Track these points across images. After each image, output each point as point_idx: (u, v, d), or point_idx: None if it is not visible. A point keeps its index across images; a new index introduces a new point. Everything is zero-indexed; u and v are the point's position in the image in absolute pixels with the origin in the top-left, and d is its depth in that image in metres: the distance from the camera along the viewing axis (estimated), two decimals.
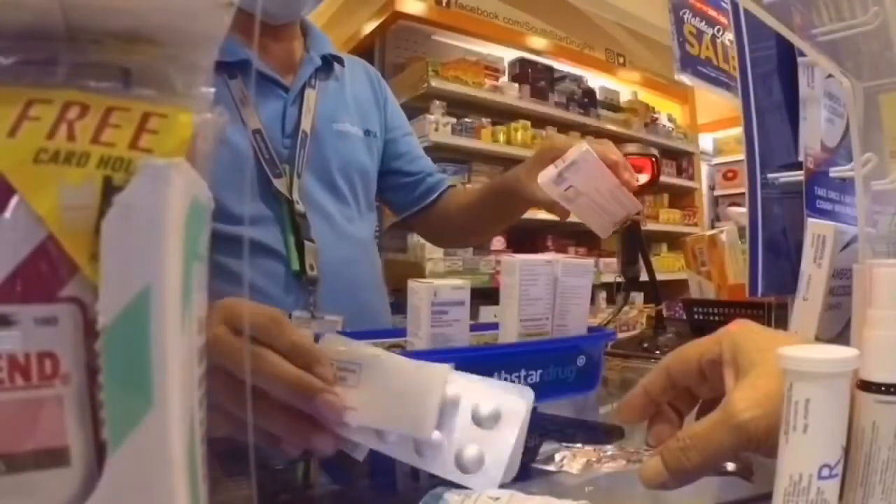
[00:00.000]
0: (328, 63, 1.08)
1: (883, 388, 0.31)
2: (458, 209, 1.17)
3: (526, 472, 0.49)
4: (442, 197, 1.20)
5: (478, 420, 0.43)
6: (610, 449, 0.50)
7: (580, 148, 0.73)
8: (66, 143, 0.23)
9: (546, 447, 0.52)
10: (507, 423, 0.43)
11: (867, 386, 0.32)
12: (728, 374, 0.41)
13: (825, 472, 0.30)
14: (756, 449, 0.37)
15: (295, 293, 0.95)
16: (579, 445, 0.52)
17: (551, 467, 0.49)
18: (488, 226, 1.19)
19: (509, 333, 0.70)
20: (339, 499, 0.50)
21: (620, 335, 1.15)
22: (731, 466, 0.45)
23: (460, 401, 0.44)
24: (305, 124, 1.00)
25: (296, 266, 0.95)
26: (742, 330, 0.42)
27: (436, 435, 0.42)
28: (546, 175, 0.74)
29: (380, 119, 1.17)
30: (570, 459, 0.49)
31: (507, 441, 0.42)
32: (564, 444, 0.52)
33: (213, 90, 0.26)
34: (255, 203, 0.95)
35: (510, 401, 0.44)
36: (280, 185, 0.95)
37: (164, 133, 0.24)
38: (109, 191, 0.23)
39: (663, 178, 3.76)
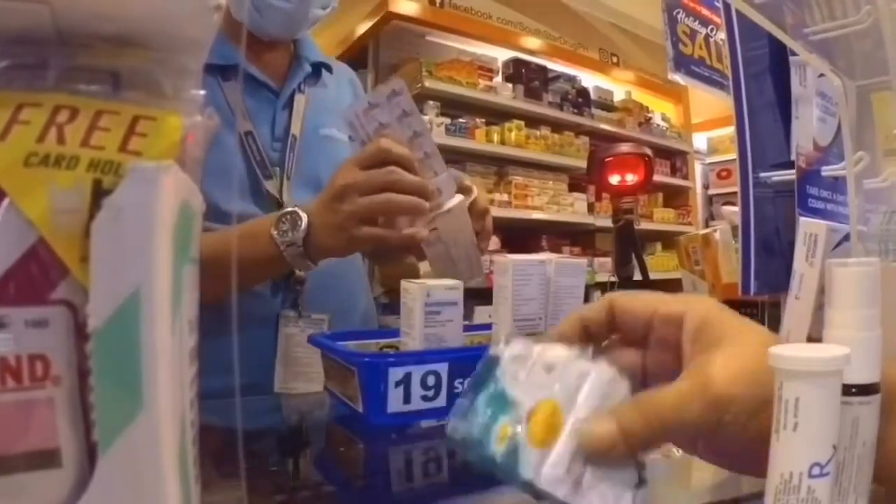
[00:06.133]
0: (317, 69, 1.11)
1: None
2: None
3: None
4: None
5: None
6: None
7: (458, 198, 0.79)
8: (56, 147, 0.23)
9: None
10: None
11: None
12: (688, 341, 0.36)
13: (815, 470, 0.30)
14: (728, 428, 0.32)
15: (282, 292, 0.98)
16: None
17: None
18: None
19: (503, 333, 0.70)
20: (335, 499, 0.50)
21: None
22: None
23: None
24: (295, 128, 1.03)
25: None
26: (709, 305, 0.37)
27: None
28: None
29: None
30: None
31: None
32: None
33: (202, 93, 0.26)
34: (245, 204, 0.97)
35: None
36: (270, 186, 0.98)
37: (154, 136, 0.24)
38: (99, 194, 0.23)
39: (657, 178, 3.78)
